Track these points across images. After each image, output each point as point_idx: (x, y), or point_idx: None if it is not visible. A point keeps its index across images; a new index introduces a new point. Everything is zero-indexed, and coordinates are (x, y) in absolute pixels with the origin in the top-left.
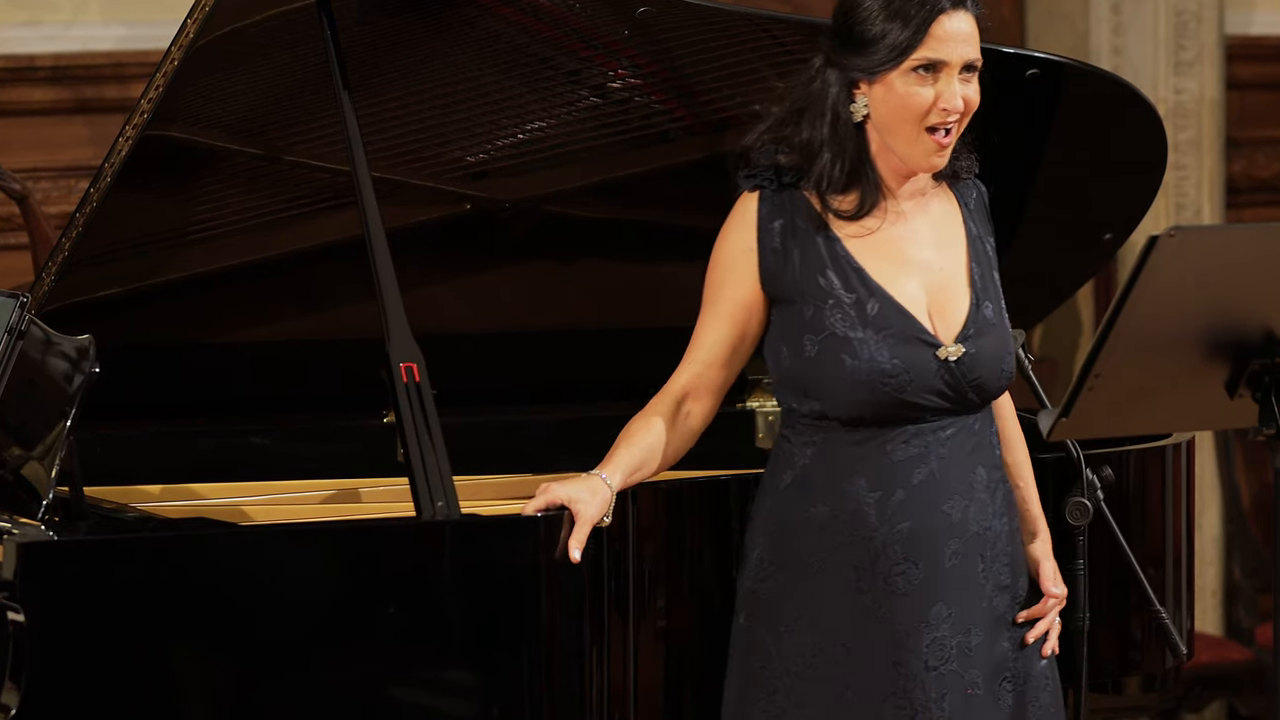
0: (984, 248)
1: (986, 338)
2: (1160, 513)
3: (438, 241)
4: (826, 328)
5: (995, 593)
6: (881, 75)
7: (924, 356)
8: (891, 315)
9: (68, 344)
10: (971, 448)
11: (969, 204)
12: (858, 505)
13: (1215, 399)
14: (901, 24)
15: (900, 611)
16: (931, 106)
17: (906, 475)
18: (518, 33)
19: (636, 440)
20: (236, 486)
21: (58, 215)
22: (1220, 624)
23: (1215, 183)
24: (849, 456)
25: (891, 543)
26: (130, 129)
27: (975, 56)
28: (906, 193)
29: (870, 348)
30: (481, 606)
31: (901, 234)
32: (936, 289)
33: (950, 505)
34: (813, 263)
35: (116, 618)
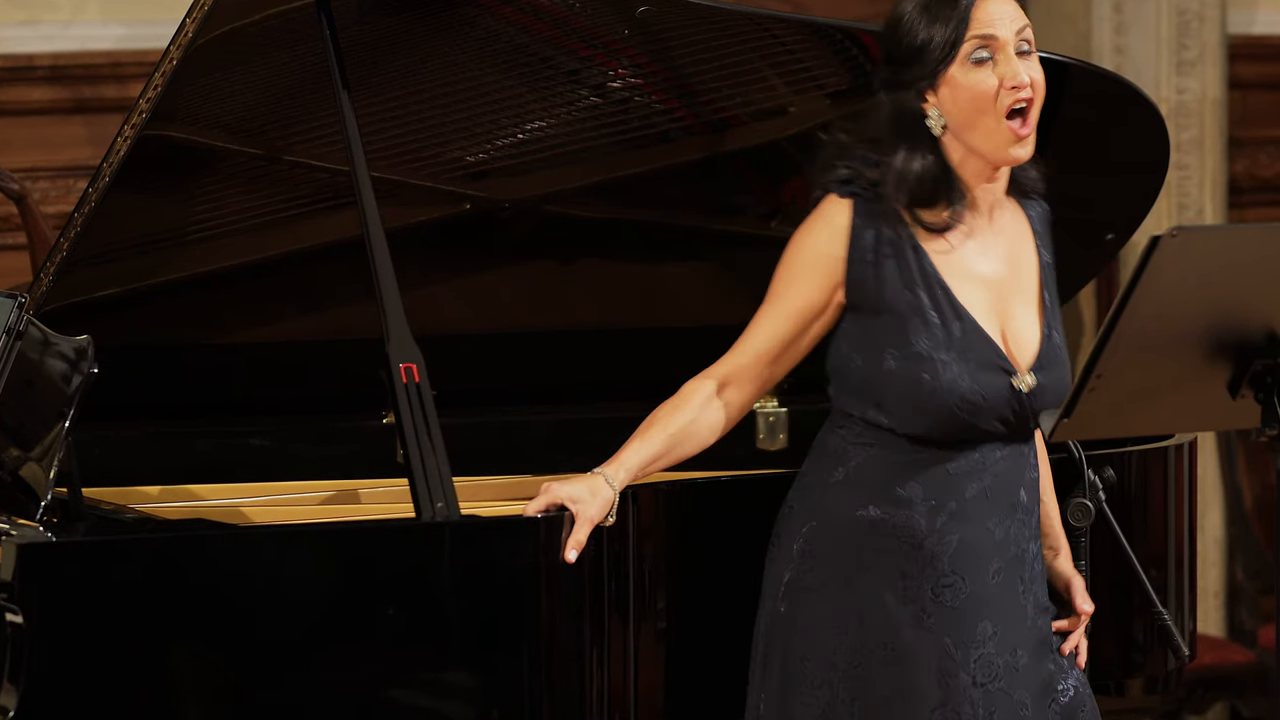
0: (1051, 272)
1: (1056, 369)
2: (1162, 514)
3: (437, 242)
4: (912, 344)
5: (1037, 614)
6: (942, 75)
7: (1001, 384)
8: (975, 340)
9: (66, 344)
10: (1019, 468)
11: (1036, 225)
12: (909, 512)
13: (1217, 400)
14: (944, 21)
15: (948, 624)
16: (999, 88)
17: (961, 488)
18: (517, 32)
19: (661, 427)
20: (235, 488)
21: (56, 215)
22: (1223, 626)
23: (1217, 183)
24: (906, 462)
25: (941, 554)
26: (129, 129)
27: (1024, 22)
28: (988, 207)
29: (953, 370)
30: (481, 608)
31: (981, 251)
32: (1010, 312)
33: (995, 523)
34: (904, 277)
35: (115, 619)
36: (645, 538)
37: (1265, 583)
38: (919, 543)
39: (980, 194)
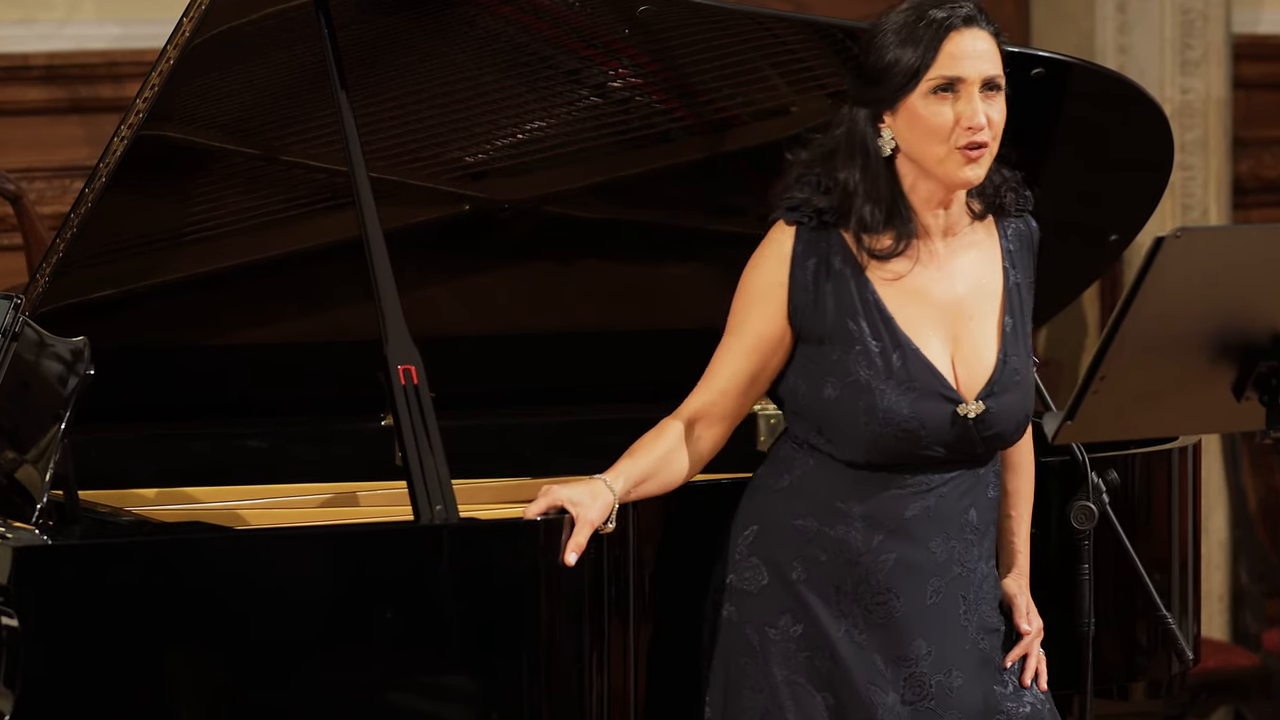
0: (1019, 295)
1: (1010, 394)
2: (1166, 517)
3: (436, 242)
4: (851, 373)
5: (981, 635)
6: (902, 101)
7: (942, 412)
8: (916, 369)
9: (62, 346)
10: (969, 489)
11: (1013, 244)
12: (846, 527)
13: (1222, 401)
14: (914, 47)
15: (879, 642)
16: (955, 126)
17: (901, 507)
18: (517, 31)
19: (645, 452)
20: (233, 490)
21: (52, 216)
22: (1227, 629)
23: (1222, 183)
24: (848, 478)
25: (875, 571)
26: (125, 129)
27: (995, 73)
28: (941, 231)
29: (890, 399)
30: (480, 611)
31: (934, 278)
32: (964, 339)
33: (937, 543)
34: (844, 306)
35: (111, 622)
36: (646, 541)
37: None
38: (854, 559)
39: (931, 219)
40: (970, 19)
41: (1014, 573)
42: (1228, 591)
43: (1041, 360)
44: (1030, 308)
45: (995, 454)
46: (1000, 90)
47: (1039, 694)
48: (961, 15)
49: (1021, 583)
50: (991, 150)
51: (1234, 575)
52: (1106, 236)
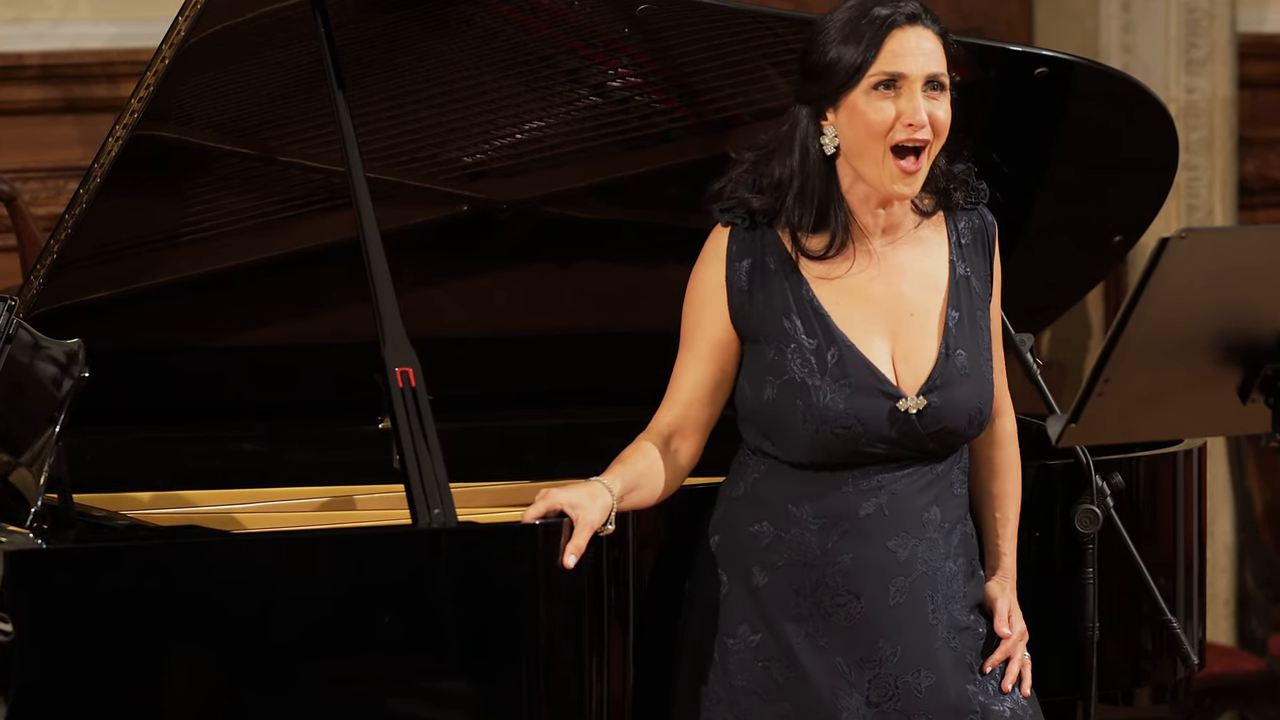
0: (969, 288)
1: (956, 388)
2: (1171, 520)
3: (434, 243)
4: (786, 372)
5: (951, 634)
6: (844, 98)
7: (881, 407)
8: (851, 364)
9: (56, 348)
10: (926, 486)
11: (965, 238)
12: (800, 530)
13: (1227, 404)
14: (856, 43)
15: (841, 644)
16: (895, 122)
17: (854, 507)
18: (516, 30)
19: (631, 462)
20: (229, 494)
21: (46, 217)
22: (1233, 634)
23: (1227, 183)
24: (798, 480)
25: (832, 573)
26: (120, 129)
27: (938, 71)
28: (881, 230)
29: (825, 396)
30: (479, 616)
31: (872, 276)
32: (904, 335)
33: (896, 542)
34: (778, 305)
35: (105, 627)
36: (645, 545)
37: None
38: (811, 562)
39: (870, 219)
40: (914, 17)
41: (998, 575)
42: (1233, 596)
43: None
44: (989, 301)
45: (957, 451)
46: (945, 90)
47: (1020, 699)
48: (905, 13)
49: (1005, 585)
50: (931, 153)
51: (1239, 579)
52: (1111, 237)
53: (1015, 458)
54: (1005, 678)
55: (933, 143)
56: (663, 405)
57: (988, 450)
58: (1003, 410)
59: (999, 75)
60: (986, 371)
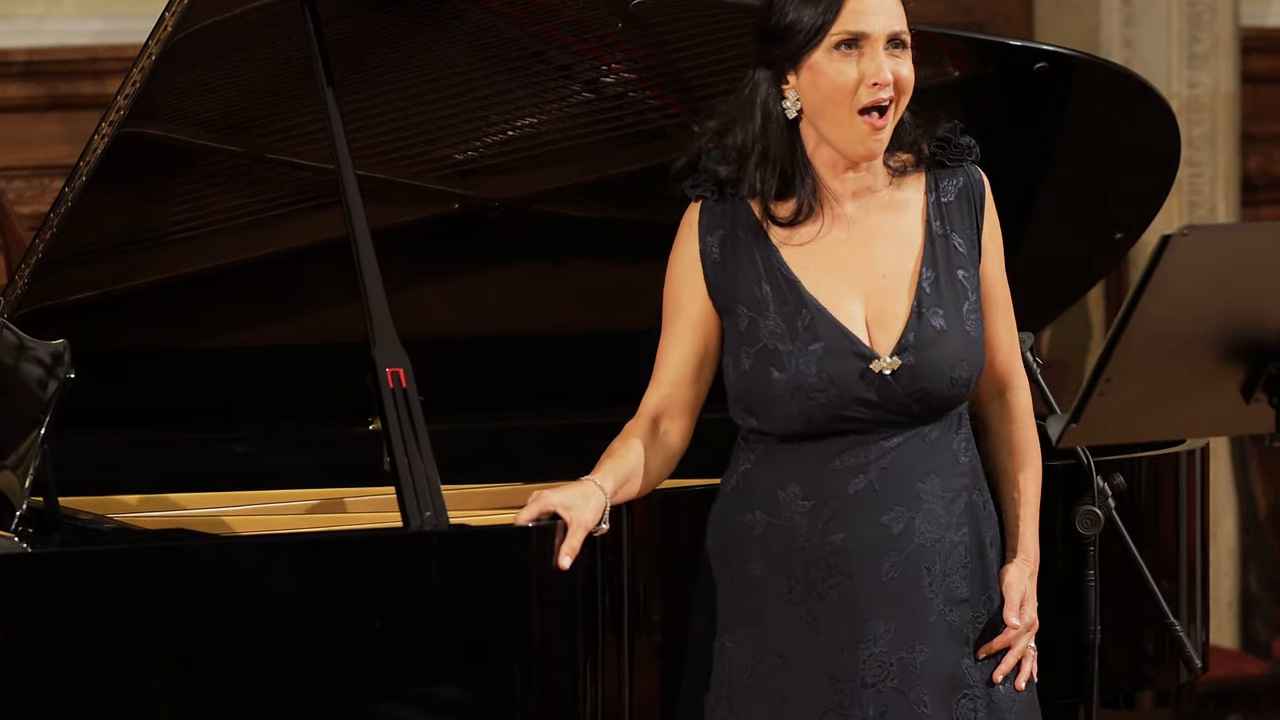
0: (948, 246)
1: (932, 348)
2: (1174, 522)
3: (425, 242)
4: (760, 340)
5: (949, 607)
6: (805, 60)
7: (854, 369)
8: (823, 327)
9: (42, 349)
10: (920, 455)
11: (946, 196)
12: (790, 514)
13: (1230, 404)
14: (816, 4)
15: (835, 625)
16: (859, 83)
17: (843, 484)
18: (507, 26)
19: (621, 455)
20: (217, 496)
21: (31, 215)
22: (1236, 637)
23: (1230, 180)
24: (786, 463)
25: (823, 554)
26: (106, 126)
27: (900, 29)
28: (851, 193)
29: (798, 360)
30: (471, 620)
31: (842, 239)
32: (877, 297)
33: (890, 517)
34: (749, 273)
35: (92, 632)
36: (640, 548)
37: None
38: (801, 545)
39: (838, 184)
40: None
41: (1018, 559)
42: (1237, 598)
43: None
44: (978, 261)
45: (950, 416)
46: (906, 48)
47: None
48: None
49: (1024, 570)
50: (898, 110)
51: (1243, 581)
52: (1112, 235)
53: (1032, 435)
54: (998, 668)
55: (899, 99)
56: (649, 388)
57: (1001, 425)
58: (1014, 384)
59: (998, 70)
60: (973, 331)
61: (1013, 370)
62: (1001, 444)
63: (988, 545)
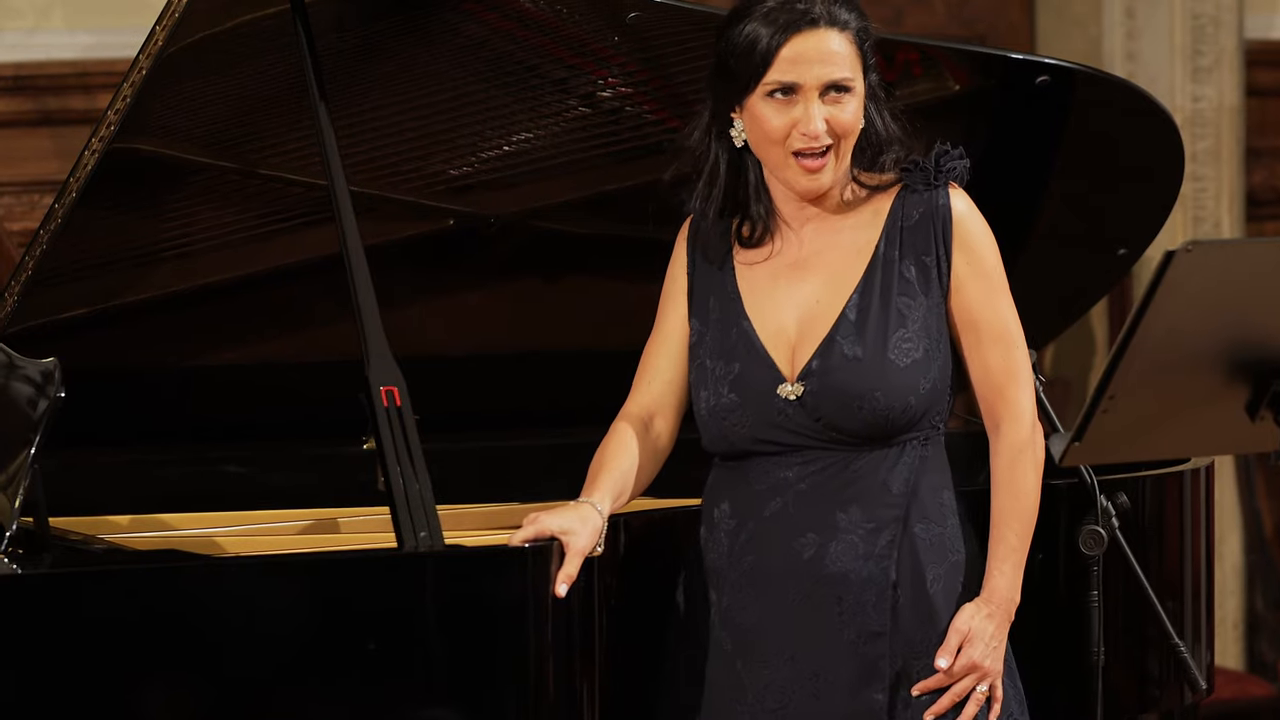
0: (893, 273)
1: (838, 374)
2: (1178, 541)
3: (419, 259)
4: (698, 356)
5: (862, 639)
6: (744, 100)
7: (761, 392)
8: (743, 348)
9: (32, 368)
10: (841, 485)
11: (908, 220)
12: (719, 532)
13: (1235, 422)
14: (757, 45)
15: (740, 647)
16: (790, 131)
17: (761, 506)
18: (503, 40)
19: (616, 463)
20: (209, 517)
21: (20, 232)
22: (1242, 658)
23: (1235, 194)
24: (723, 482)
25: (737, 575)
26: (97, 142)
27: (837, 77)
28: (808, 216)
29: (716, 380)
30: (467, 642)
31: (790, 262)
32: (805, 322)
33: (802, 542)
34: (707, 288)
35: (82, 655)
36: (637, 568)
37: None
38: (722, 565)
39: (793, 206)
40: (815, 20)
41: (976, 601)
42: (1242, 619)
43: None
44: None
45: (889, 446)
46: (849, 91)
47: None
48: (810, 17)
49: (979, 612)
50: (842, 151)
51: (1249, 602)
52: (1115, 250)
53: (1022, 472)
54: (929, 709)
55: (839, 142)
56: (636, 387)
57: (992, 460)
58: (1008, 416)
59: (999, 84)
60: (902, 360)
61: (1007, 402)
62: (993, 479)
63: (929, 581)
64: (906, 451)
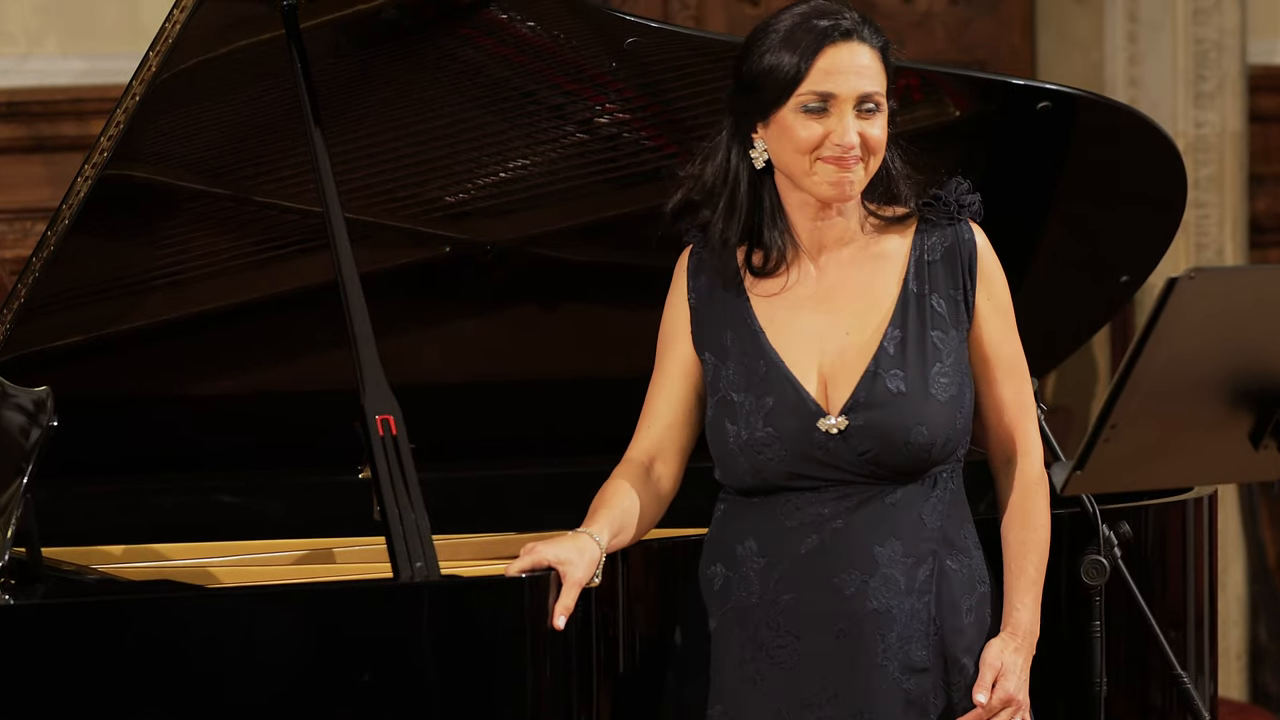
0: (924, 307)
1: (883, 409)
2: (1181, 571)
3: (415, 286)
4: (719, 390)
5: (905, 675)
6: (773, 115)
7: (802, 426)
8: (776, 380)
9: (24, 396)
10: (879, 519)
11: (931, 255)
12: (746, 569)
13: (1238, 450)
14: (789, 59)
15: (780, 686)
16: (823, 140)
17: (795, 544)
18: (499, 65)
19: (615, 502)
20: (203, 547)
21: (13, 259)
22: (1245, 689)
23: (1238, 221)
24: (746, 518)
25: (773, 614)
26: (90, 168)
27: (872, 90)
28: (826, 244)
29: (748, 414)
30: (463, 673)
31: (812, 294)
32: (837, 354)
33: (843, 579)
34: (720, 321)
35: (76, 686)
36: (635, 599)
37: None
38: (754, 602)
39: (809, 232)
40: (849, 32)
41: (1002, 635)
42: (1246, 649)
43: (1050, 407)
44: (960, 324)
45: (922, 480)
46: (880, 109)
47: None
48: (842, 28)
49: (1008, 645)
50: (869, 168)
51: (1252, 632)
52: (1117, 277)
53: (1039, 505)
54: None
55: (868, 159)
56: (638, 431)
57: (1006, 493)
58: (1022, 449)
59: (1000, 109)
60: (942, 394)
61: (1021, 436)
62: (1005, 509)
63: (964, 613)
64: (938, 485)
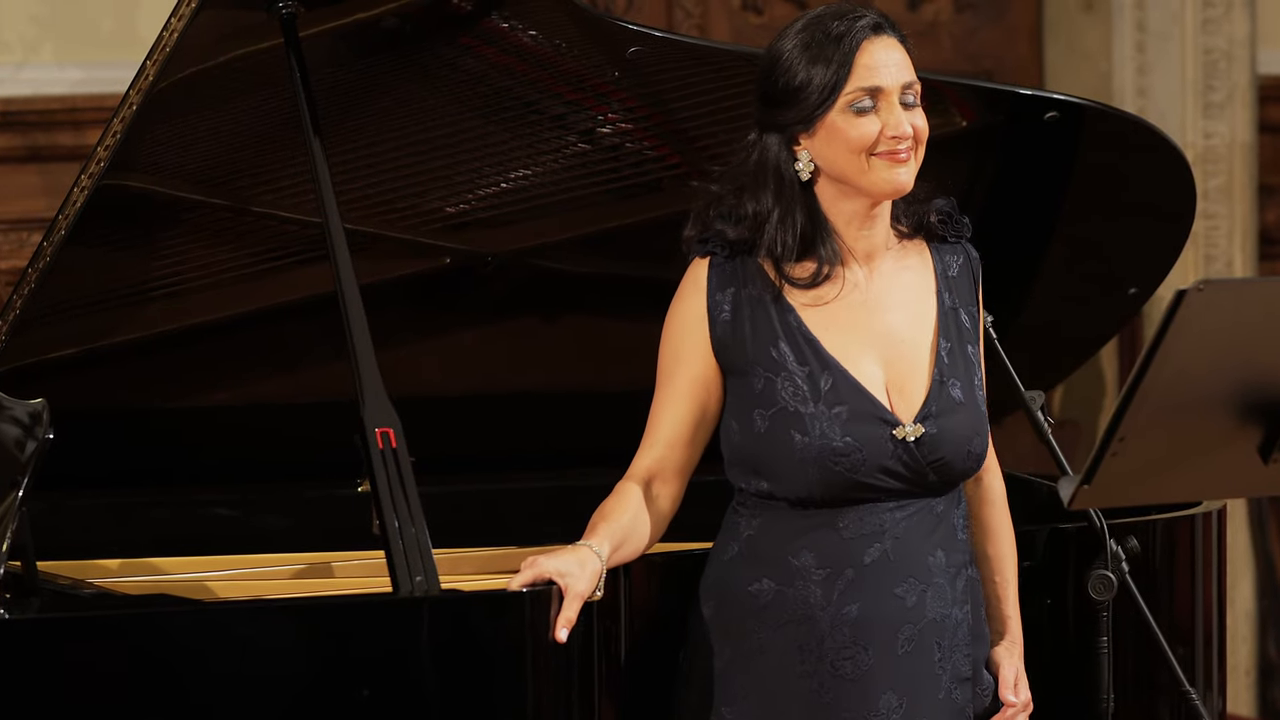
0: (958, 320)
1: (951, 417)
2: (1189, 586)
3: (415, 297)
4: (778, 402)
5: (954, 684)
6: (819, 120)
7: (879, 435)
8: (846, 390)
9: (19, 409)
10: (930, 529)
11: (949, 271)
12: (804, 582)
13: (1248, 464)
14: (825, 63)
15: (847, 699)
16: (879, 137)
17: (858, 554)
18: (501, 75)
19: (615, 517)
20: (201, 560)
21: (8, 270)
22: (1254, 705)
23: (1247, 233)
24: (796, 529)
25: (839, 625)
26: (86, 178)
27: (911, 78)
28: (867, 256)
29: (822, 424)
30: (463, 687)
31: (861, 302)
32: (897, 363)
33: (904, 589)
34: (765, 333)
35: (71, 701)
36: (637, 614)
37: None
38: (815, 615)
39: (854, 241)
40: (878, 27)
41: (1005, 642)
42: (1255, 665)
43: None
44: (977, 336)
45: (955, 491)
46: (918, 98)
47: None
48: (870, 24)
49: (1013, 650)
50: (918, 158)
51: (1261, 648)
52: (1125, 289)
53: (1007, 519)
54: None
55: (916, 149)
56: (641, 448)
57: (980, 509)
58: (991, 467)
59: (1007, 120)
60: (983, 406)
61: (990, 455)
62: (979, 526)
63: (981, 622)
64: (962, 499)
